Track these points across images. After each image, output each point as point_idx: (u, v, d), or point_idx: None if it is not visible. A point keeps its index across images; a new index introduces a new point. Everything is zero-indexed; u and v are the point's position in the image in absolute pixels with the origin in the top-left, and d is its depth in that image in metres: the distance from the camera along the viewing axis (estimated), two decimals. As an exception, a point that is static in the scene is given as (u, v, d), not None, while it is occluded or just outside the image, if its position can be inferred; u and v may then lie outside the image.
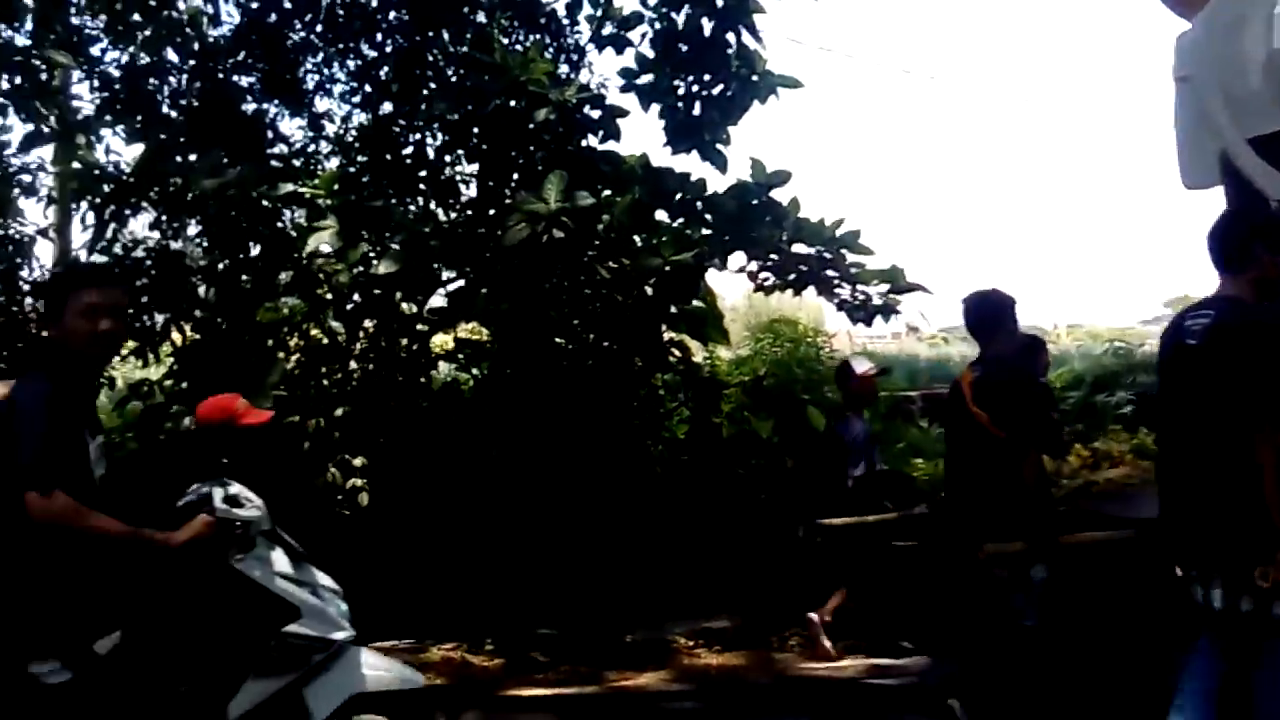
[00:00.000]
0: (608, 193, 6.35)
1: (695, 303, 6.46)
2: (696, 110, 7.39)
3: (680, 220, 6.52)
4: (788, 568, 6.59)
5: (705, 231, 6.43)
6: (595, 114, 6.79)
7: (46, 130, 6.56)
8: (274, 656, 2.94)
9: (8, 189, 7.57)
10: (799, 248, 6.49)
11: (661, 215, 6.55)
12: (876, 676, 5.51)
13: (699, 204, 6.58)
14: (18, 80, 6.54)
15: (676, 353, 7.16)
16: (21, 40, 6.93)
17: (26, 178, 7.65)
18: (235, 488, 3.08)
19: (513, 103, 6.45)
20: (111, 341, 2.85)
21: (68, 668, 2.54)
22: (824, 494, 5.80)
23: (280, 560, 3.07)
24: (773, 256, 6.52)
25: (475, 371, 7.78)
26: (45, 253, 8.98)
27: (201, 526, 2.84)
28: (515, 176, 6.65)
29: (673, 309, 6.48)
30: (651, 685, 5.55)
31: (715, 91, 7.36)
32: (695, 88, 7.38)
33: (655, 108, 7.36)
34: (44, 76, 6.77)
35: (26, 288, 7.50)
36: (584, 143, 6.73)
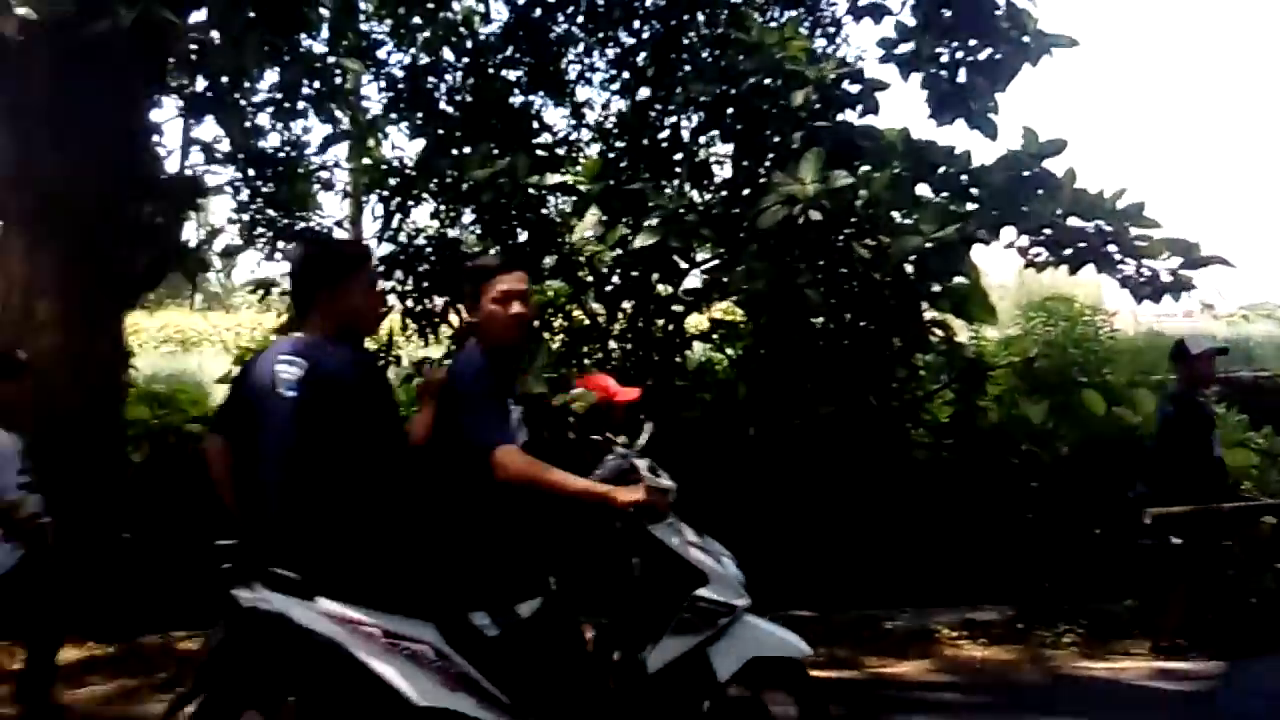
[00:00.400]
0: (866, 169, 6.18)
1: (959, 280, 6.18)
2: (961, 77, 7.03)
3: (944, 195, 6.25)
4: (1067, 559, 6.25)
5: (971, 206, 6.13)
6: (854, 89, 6.61)
7: (341, 130, 7.14)
8: (686, 618, 3.14)
9: (309, 185, 8.38)
10: (1075, 221, 6.07)
11: (923, 191, 6.31)
12: (1159, 680, 5.12)
13: (964, 177, 6.28)
14: (316, 85, 7.17)
15: (939, 333, 6.89)
16: (319, 48, 7.61)
17: (325, 174, 8.43)
18: (646, 459, 3.32)
19: (768, 81, 6.40)
20: (523, 323, 3.13)
21: (496, 624, 2.80)
22: (1187, 476, 5.59)
23: (687, 530, 3.28)
24: (1046, 231, 6.13)
25: (729, 352, 7.82)
26: (340, 242, 9.75)
27: (644, 492, 3.01)
28: (770, 156, 6.60)
29: (935, 287, 6.23)
30: (912, 674, 5.41)
31: (982, 56, 6.98)
32: (960, 54, 7.03)
33: (916, 77, 7.08)
34: (338, 81, 7.39)
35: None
36: (841, 118, 6.58)
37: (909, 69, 7.06)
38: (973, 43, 6.97)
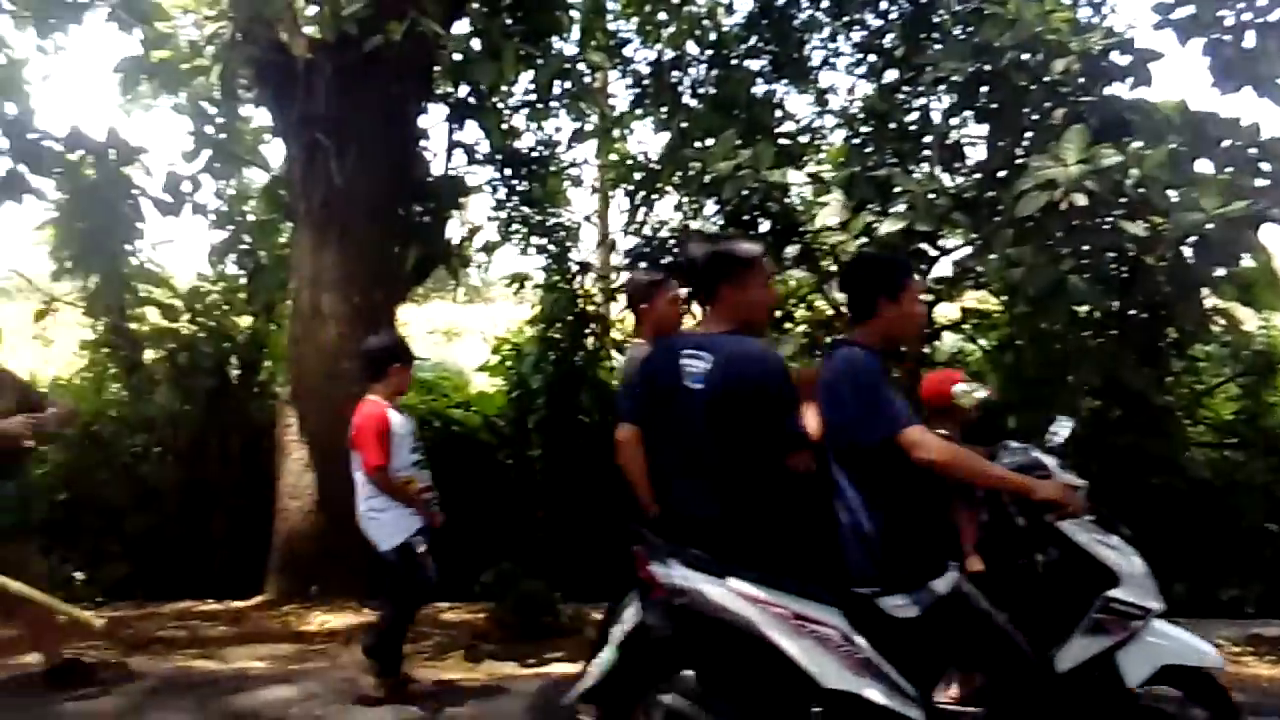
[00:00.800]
0: (1137, 146, 5.71)
1: (1246, 263, 5.59)
2: (1249, 41, 6.36)
3: (1229, 171, 5.67)
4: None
5: (1260, 182, 5.54)
6: (1123, 60, 6.12)
7: (589, 127, 7.38)
8: (1097, 619, 3.07)
9: (559, 181, 8.73)
10: (1385, 197, 5.36)
11: (1204, 167, 5.76)
12: None
13: (1252, 151, 5.68)
14: (567, 85, 7.45)
15: (1221, 321, 6.28)
16: (569, 49, 7.90)
17: (575, 171, 8.76)
18: (1053, 456, 3.29)
19: (1026, 56, 6.04)
20: (924, 322, 3.33)
21: (915, 603, 2.84)
22: None
23: (1095, 527, 3.20)
24: (1349, 208, 5.45)
25: (982, 343, 7.48)
26: (589, 236, 10.11)
27: (1060, 489, 2.97)
28: (1028, 135, 6.23)
29: (1218, 271, 5.67)
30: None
31: (1273, 17, 6.28)
32: (1247, 14, 6.35)
33: (1196, 44, 6.46)
34: (587, 79, 7.64)
35: (575, 267, 8.58)
36: (1108, 92, 6.11)
37: (1188, 34, 6.46)
38: (1262, 2, 6.28)
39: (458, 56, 6.47)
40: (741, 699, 2.82)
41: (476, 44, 6.43)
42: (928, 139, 7.12)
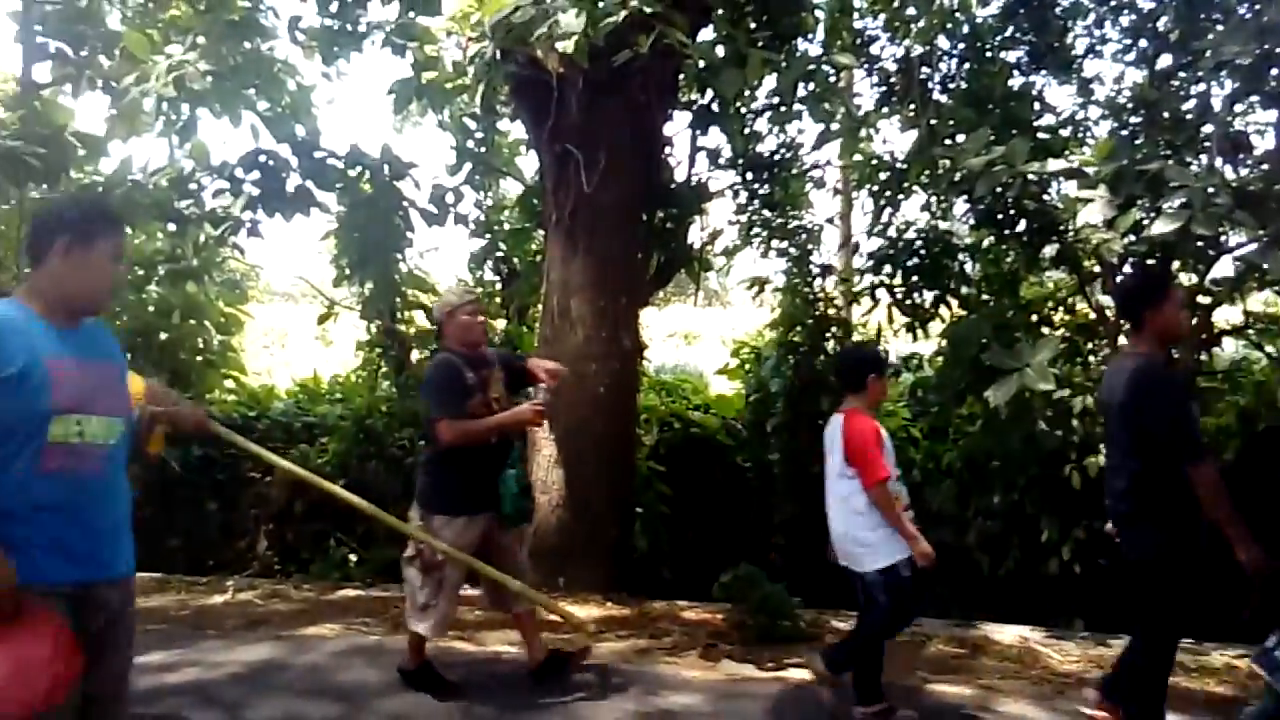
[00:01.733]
0: None
1: None
2: None
3: None
4: None
5: None
6: None
7: (834, 128, 7.28)
8: None
9: (801, 184, 8.66)
10: None
11: None
12: None
13: None
14: (811, 86, 7.37)
15: None
16: (814, 50, 7.82)
17: (817, 173, 8.66)
18: None
19: (1322, 34, 5.43)
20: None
21: None
22: None
23: None
24: None
25: (1269, 350, 6.79)
26: (831, 238, 9.99)
27: None
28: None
29: None
30: None
31: None
32: None
33: None
34: (832, 79, 7.53)
35: (816, 270, 8.49)
36: None
37: None
38: None
39: (703, 63, 6.55)
40: None
41: (721, 50, 6.48)
42: (1207, 129, 6.54)
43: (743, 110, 7.86)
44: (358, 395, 8.92)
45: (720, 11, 6.76)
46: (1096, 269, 6.67)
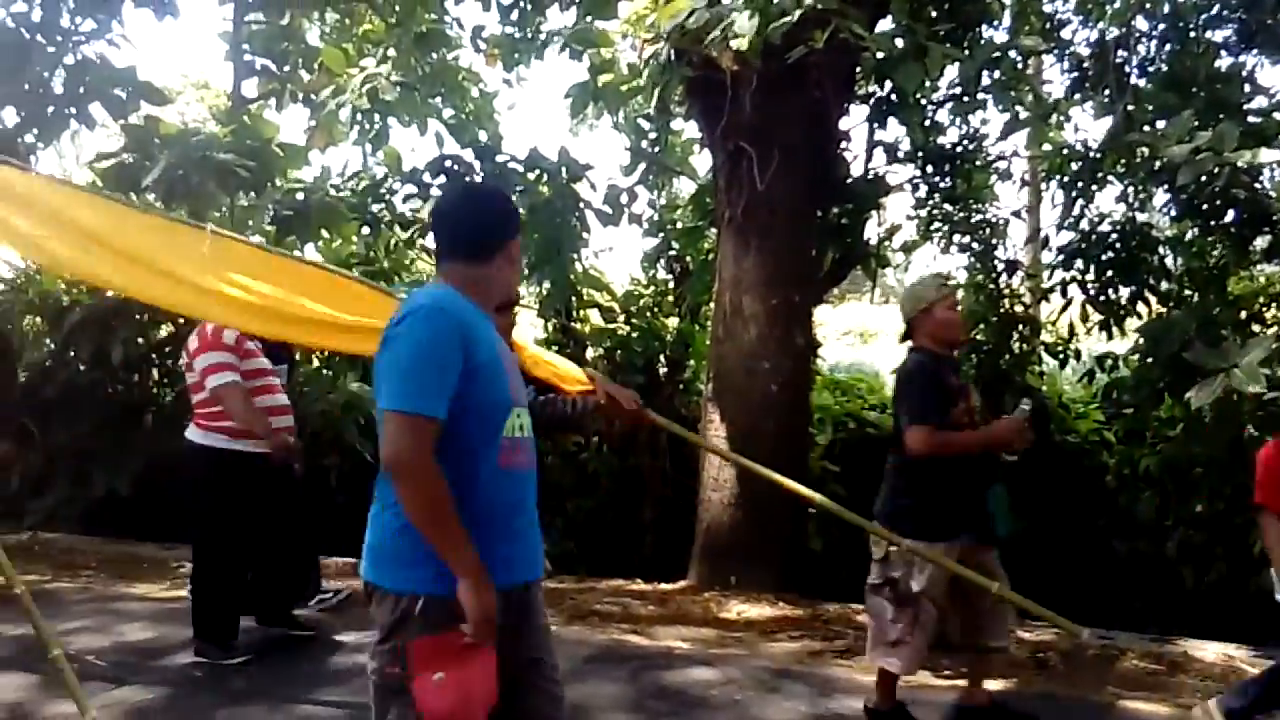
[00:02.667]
0: None
1: None
2: None
3: None
4: None
5: None
6: None
7: (1021, 117, 6.97)
8: None
9: (985, 176, 8.34)
10: None
11: None
12: None
13: None
14: (996, 74, 7.09)
15: None
16: (999, 36, 7.51)
17: (1002, 164, 8.32)
18: None
19: None
20: None
21: None
22: None
23: None
24: None
25: None
26: (1017, 232, 9.57)
27: None
28: None
29: None
30: None
31: None
32: None
33: None
34: (1019, 65, 7.21)
35: (1001, 266, 8.16)
36: None
37: None
38: None
39: (881, 56, 6.40)
40: None
41: (900, 43, 6.32)
42: None
43: (923, 101, 7.62)
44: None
45: (900, 2, 6.59)
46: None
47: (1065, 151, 7.54)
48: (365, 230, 8.79)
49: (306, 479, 5.43)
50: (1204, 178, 5.62)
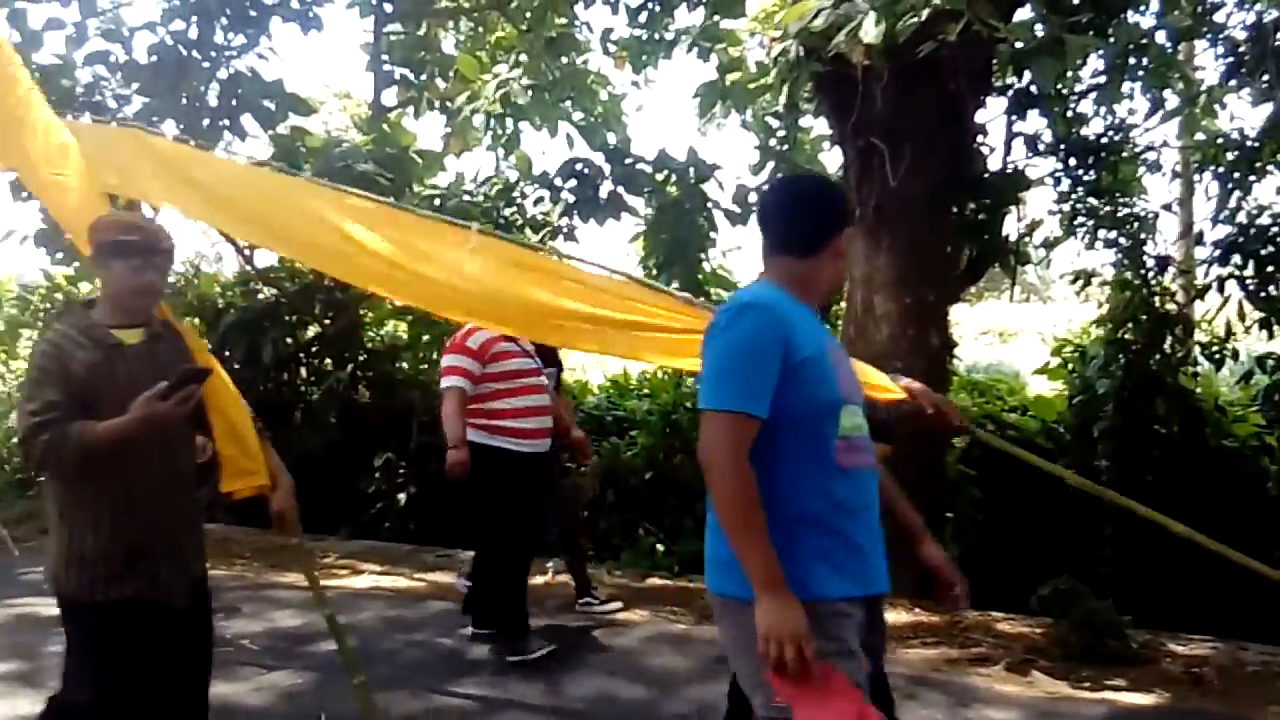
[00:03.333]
0: None
1: None
2: None
3: None
4: None
5: None
6: None
7: (1171, 105, 6.65)
8: None
9: (1133, 168, 7.97)
10: None
11: None
12: None
13: None
14: (1144, 60, 6.77)
15: None
16: (1145, 21, 7.16)
17: (1151, 155, 7.94)
18: None
19: None
20: None
21: None
22: None
23: None
24: None
25: None
26: (1168, 226, 9.16)
27: None
28: None
29: None
30: None
31: None
32: None
33: None
34: (1168, 51, 6.87)
35: (1151, 262, 7.80)
36: None
37: None
38: None
39: (1018, 46, 6.18)
40: None
41: (1039, 32, 6.09)
42: None
43: (1065, 91, 7.34)
44: (664, 391, 9.21)
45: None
46: None
47: (1220, 141, 7.15)
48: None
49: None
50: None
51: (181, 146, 4.14)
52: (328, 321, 9.43)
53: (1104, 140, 7.63)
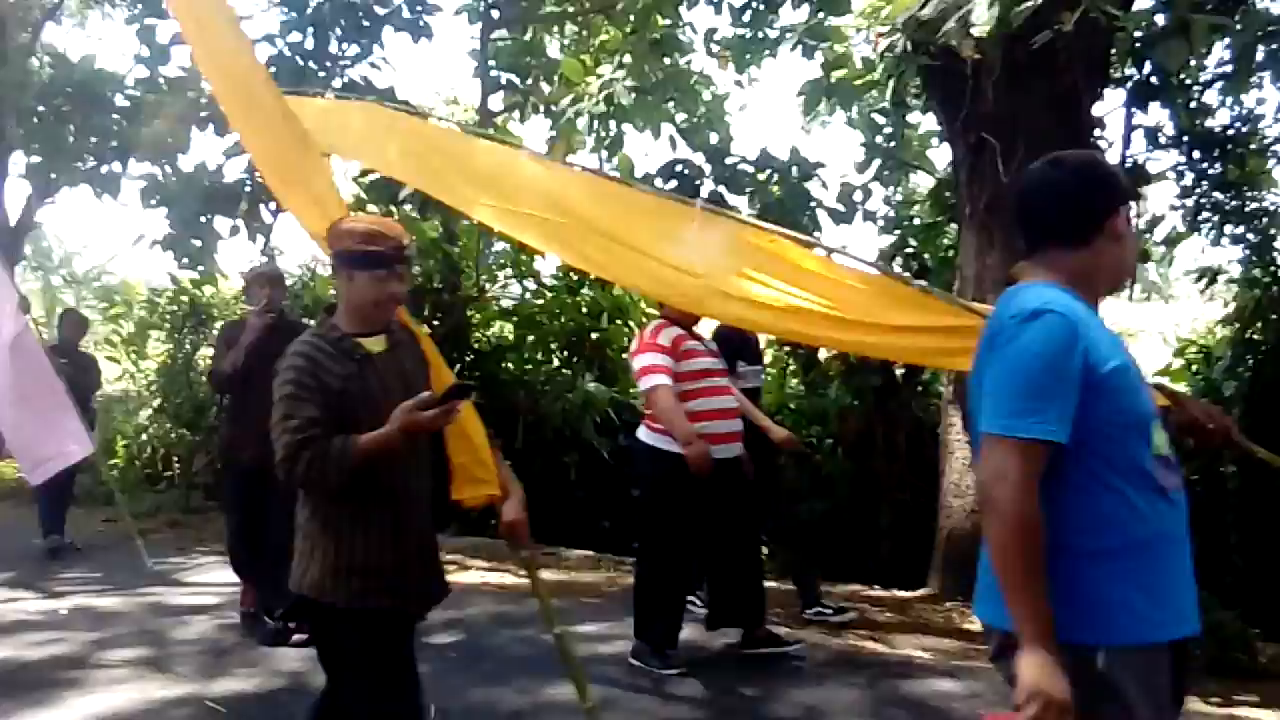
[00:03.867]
0: None
1: None
2: None
3: None
4: None
5: None
6: None
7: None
8: None
9: (1262, 161, 7.61)
10: None
11: None
12: None
13: None
14: (1273, 48, 6.45)
15: None
16: (1276, 8, 6.83)
17: (1282, 147, 7.58)
18: None
19: None
20: None
21: None
22: None
23: None
24: None
25: None
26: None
27: None
28: None
29: None
30: None
31: None
32: None
33: None
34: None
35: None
36: None
37: None
38: None
39: (1138, 34, 5.96)
40: None
41: (1160, 19, 5.86)
42: None
43: (1188, 82, 7.04)
44: (767, 392, 9.15)
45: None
46: None
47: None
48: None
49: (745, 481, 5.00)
50: None
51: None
52: (436, 322, 9.64)
53: (1230, 132, 7.32)
